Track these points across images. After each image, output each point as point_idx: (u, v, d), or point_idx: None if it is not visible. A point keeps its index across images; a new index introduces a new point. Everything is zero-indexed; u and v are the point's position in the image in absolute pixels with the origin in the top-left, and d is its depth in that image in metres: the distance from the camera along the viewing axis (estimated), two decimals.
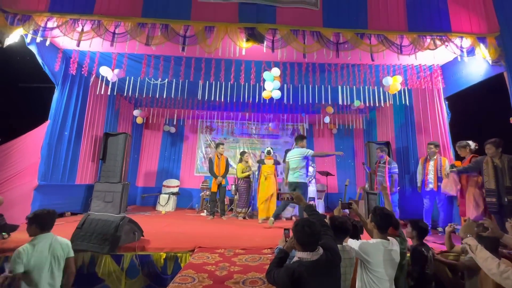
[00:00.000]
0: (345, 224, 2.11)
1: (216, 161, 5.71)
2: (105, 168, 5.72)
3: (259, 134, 8.64)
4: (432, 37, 4.04)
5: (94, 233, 2.87)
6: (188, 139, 8.54)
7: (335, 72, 4.97)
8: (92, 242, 2.82)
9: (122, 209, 5.57)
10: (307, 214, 2.23)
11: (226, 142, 8.43)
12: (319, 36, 3.94)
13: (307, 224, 1.79)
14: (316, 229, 1.78)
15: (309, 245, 1.77)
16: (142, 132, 8.28)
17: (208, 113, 7.86)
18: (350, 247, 2.11)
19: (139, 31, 3.77)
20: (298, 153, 4.74)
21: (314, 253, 1.75)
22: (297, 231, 1.79)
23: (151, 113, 7.60)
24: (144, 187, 7.95)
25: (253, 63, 4.82)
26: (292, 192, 2.40)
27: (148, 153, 8.24)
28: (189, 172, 8.24)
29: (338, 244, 2.02)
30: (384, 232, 2.18)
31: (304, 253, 1.76)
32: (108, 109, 6.27)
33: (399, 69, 4.98)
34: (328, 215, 2.76)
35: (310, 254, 1.75)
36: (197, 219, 5.50)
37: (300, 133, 8.50)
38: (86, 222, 2.97)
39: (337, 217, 2.17)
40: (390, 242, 2.16)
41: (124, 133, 6.00)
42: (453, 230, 2.84)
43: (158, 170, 8.17)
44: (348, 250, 2.07)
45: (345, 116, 7.64)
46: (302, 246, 1.78)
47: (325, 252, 1.76)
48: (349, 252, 2.06)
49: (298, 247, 1.80)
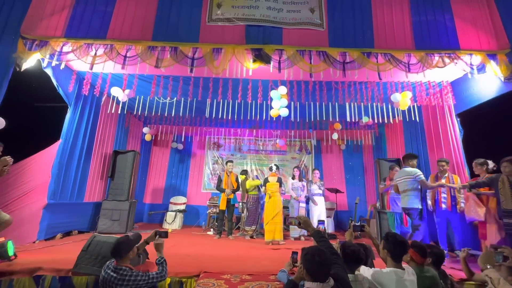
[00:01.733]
0: (357, 253, 2.00)
1: (226, 179, 5.69)
2: (113, 185, 5.76)
3: (266, 150, 8.62)
4: (440, 55, 4.02)
5: (99, 256, 2.84)
6: (196, 156, 8.58)
7: (342, 90, 4.97)
8: (97, 265, 2.78)
9: (129, 227, 5.55)
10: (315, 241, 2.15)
11: (233, 158, 8.42)
12: (325, 56, 3.98)
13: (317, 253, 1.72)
14: (327, 259, 1.70)
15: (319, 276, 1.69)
16: (151, 149, 8.37)
17: (216, 130, 7.93)
18: (363, 277, 2.00)
19: (149, 54, 3.89)
20: (405, 174, 4.20)
21: (324, 284, 1.67)
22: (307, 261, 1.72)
23: (160, 130, 7.72)
24: (151, 204, 7.95)
25: (260, 82, 4.88)
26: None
27: (156, 170, 8.29)
28: (196, 189, 8.21)
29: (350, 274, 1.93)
30: (398, 261, 2.08)
31: (314, 284, 1.68)
32: (118, 127, 6.40)
33: (408, 85, 4.94)
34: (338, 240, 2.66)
35: (321, 285, 1.67)
36: (204, 239, 5.42)
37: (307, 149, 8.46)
38: (91, 245, 2.95)
39: (349, 244, 2.07)
40: (405, 271, 2.04)
41: (133, 151, 6.07)
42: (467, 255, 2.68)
43: (165, 186, 8.17)
44: (360, 281, 1.97)
45: (354, 132, 7.58)
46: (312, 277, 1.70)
47: (336, 283, 1.68)
48: (362, 283, 1.96)
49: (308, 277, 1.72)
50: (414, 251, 2.20)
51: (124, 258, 2.17)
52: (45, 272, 2.89)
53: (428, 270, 2.21)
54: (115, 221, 5.41)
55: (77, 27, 4.06)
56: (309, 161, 8.40)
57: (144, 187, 7.95)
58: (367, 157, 8.19)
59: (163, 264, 2.33)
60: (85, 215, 5.40)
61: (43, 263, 3.00)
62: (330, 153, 8.53)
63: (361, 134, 7.63)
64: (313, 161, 8.45)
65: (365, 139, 7.71)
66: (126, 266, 2.14)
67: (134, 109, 5.76)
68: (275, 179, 5.19)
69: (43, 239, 4.29)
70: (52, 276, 2.88)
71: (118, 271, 2.08)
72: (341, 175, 8.24)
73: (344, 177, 8.19)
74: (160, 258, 2.38)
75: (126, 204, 5.57)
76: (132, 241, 2.27)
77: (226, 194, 5.53)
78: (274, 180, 5.17)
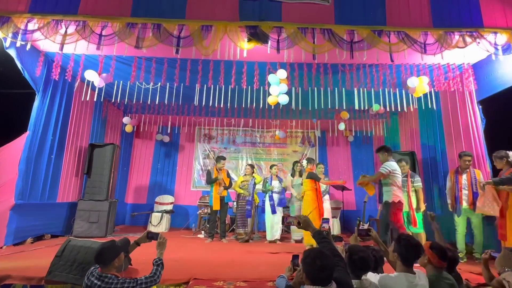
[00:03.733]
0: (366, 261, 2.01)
1: (216, 175, 5.73)
2: (90, 183, 5.77)
3: (264, 143, 8.64)
4: (461, 33, 4.02)
5: (75, 262, 2.87)
6: (184, 149, 8.58)
7: (349, 74, 4.97)
8: (73, 273, 2.82)
9: (109, 231, 5.59)
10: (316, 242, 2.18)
11: (227, 152, 8.45)
12: (330, 35, 3.97)
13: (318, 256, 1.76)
14: (329, 263, 1.74)
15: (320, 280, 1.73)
16: (132, 142, 8.35)
17: (206, 120, 7.90)
18: (370, 282, 2.05)
19: (129, 32, 3.85)
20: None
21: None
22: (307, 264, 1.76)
23: (142, 120, 7.68)
24: (134, 204, 7.98)
25: (256, 64, 4.86)
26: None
27: (138, 166, 8.29)
28: (185, 187, 8.25)
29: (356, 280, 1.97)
30: (409, 265, 2.13)
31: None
32: (94, 117, 6.36)
33: (424, 69, 4.95)
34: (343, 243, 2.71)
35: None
36: (194, 242, 5.47)
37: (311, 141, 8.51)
38: (66, 249, 2.98)
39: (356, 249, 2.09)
40: (416, 276, 2.09)
41: (111, 144, 6.06)
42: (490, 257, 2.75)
43: (150, 184, 8.19)
44: (367, 286, 2.02)
45: (363, 122, 7.60)
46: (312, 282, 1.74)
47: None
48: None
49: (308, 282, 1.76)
50: (433, 253, 2.23)
51: (109, 266, 2.19)
52: (15, 280, 2.92)
53: (448, 276, 2.24)
54: (93, 224, 5.43)
55: (44, 1, 3.98)
56: (313, 154, 8.44)
57: (125, 185, 7.96)
58: None
59: (159, 267, 2.35)
60: (58, 217, 5.41)
61: (12, 270, 3.02)
62: (336, 145, 8.57)
63: (371, 124, 7.66)
64: (317, 154, 8.49)
65: (375, 130, 7.74)
66: (112, 274, 2.17)
67: (112, 96, 5.69)
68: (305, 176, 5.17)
69: (12, 244, 4.31)
70: (23, 285, 2.91)
71: (103, 279, 2.11)
72: (349, 170, 8.29)
73: (352, 172, 8.24)
74: (158, 259, 2.42)
75: (105, 204, 5.59)
76: (119, 247, 2.29)
77: (219, 192, 5.57)
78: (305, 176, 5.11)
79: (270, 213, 5.66)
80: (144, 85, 5.44)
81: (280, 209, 5.79)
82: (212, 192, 5.65)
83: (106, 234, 5.44)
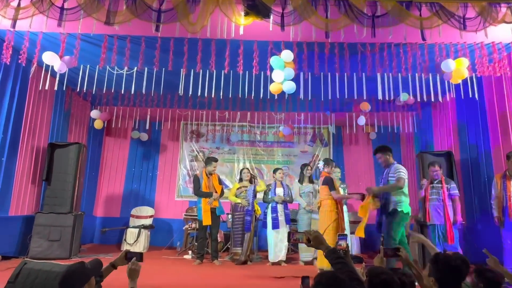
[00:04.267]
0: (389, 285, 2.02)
1: (206, 181, 5.74)
2: (51, 192, 5.77)
3: (265, 141, 8.65)
4: (509, 4, 4.02)
5: None
6: (167, 150, 8.59)
7: (371, 56, 4.98)
8: None
9: (74, 251, 5.60)
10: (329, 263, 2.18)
11: (219, 153, 8.46)
12: (347, 7, 3.97)
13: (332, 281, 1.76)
14: None
15: None
16: (103, 140, 8.37)
17: (194, 113, 7.90)
18: None
19: (97, 5, 3.85)
20: None
21: None
22: None
23: (115, 114, 7.68)
24: (105, 218, 8.00)
25: (256, 44, 4.85)
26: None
27: (110, 170, 8.31)
28: (167, 197, 8.27)
29: None
30: None
31: None
32: (55, 110, 6.36)
33: (463, 49, 4.96)
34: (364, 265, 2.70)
35: None
36: (179, 265, 5.47)
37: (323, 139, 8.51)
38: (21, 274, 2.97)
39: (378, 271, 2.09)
40: None
41: (76, 143, 6.06)
42: None
43: (124, 193, 8.20)
44: None
45: (388, 115, 7.61)
46: None
47: None
48: None
49: None
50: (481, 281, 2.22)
51: None
52: None
53: None
54: (54, 242, 5.43)
55: None
56: (326, 155, 8.46)
57: (94, 195, 7.97)
58: (406, 150, 8.26)
59: None
60: (11, 234, 5.40)
61: None
62: (355, 144, 8.57)
63: (398, 118, 7.67)
64: (331, 156, 8.50)
65: (403, 125, 7.74)
66: None
67: (77, 85, 5.69)
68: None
69: None
70: None
71: None
72: (370, 175, 8.31)
73: (374, 178, 8.25)
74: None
75: (69, 218, 5.59)
76: (89, 271, 2.29)
77: (209, 203, 5.58)
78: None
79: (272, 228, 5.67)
80: (117, 70, 5.42)
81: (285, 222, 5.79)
82: (201, 203, 5.65)
83: (70, 255, 5.43)
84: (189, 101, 7.03)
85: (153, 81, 5.48)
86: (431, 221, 5.00)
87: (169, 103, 7.16)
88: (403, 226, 4.29)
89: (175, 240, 7.53)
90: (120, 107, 7.55)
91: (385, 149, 4.52)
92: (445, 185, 4.96)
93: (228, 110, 7.78)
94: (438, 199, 4.98)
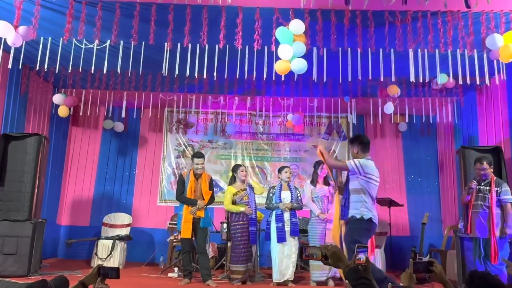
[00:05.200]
0: None
1: (192, 184, 5.73)
2: (4, 195, 5.78)
3: (269, 133, 8.65)
4: None
5: None
6: (147, 143, 8.60)
7: (402, 27, 4.94)
8: None
9: (34, 266, 5.62)
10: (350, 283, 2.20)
11: (213, 147, 8.48)
12: None
13: None
14: None
15: None
16: (68, 131, 8.38)
17: (181, 98, 7.88)
18: None
19: None
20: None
21: None
22: None
23: (83, 99, 7.66)
24: (71, 227, 8.03)
25: (258, 12, 4.82)
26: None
27: (78, 169, 8.32)
28: (148, 201, 8.30)
29: None
30: None
31: None
32: (9, 93, 6.34)
33: None
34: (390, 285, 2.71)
35: None
36: (162, 285, 5.50)
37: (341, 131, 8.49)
38: None
39: None
40: None
41: (36, 135, 6.06)
42: None
43: (94, 197, 8.24)
44: None
45: (422, 101, 7.58)
46: None
47: None
48: None
49: None
50: None
51: None
52: None
53: None
54: (9, 256, 5.45)
55: None
56: (344, 151, 8.45)
57: (57, 198, 7.99)
58: (444, 144, 8.25)
59: None
60: None
61: None
62: (380, 137, 8.56)
63: (435, 105, 7.62)
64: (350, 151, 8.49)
65: (441, 114, 7.73)
66: None
67: (36, 62, 5.67)
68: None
69: None
70: None
71: None
72: (399, 176, 8.32)
73: (405, 178, 8.26)
74: None
75: (27, 226, 5.61)
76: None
77: (192, 212, 5.56)
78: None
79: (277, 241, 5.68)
80: (86, 44, 5.39)
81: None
82: (182, 211, 5.64)
83: (29, 271, 5.45)
84: (175, 83, 7.01)
85: (131, 57, 5.47)
86: (472, 233, 4.95)
87: (150, 85, 7.14)
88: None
89: (158, 254, 7.55)
90: (89, 90, 7.50)
91: (355, 140, 4.59)
92: (494, 188, 4.88)
93: (224, 94, 7.77)
94: (483, 205, 4.89)
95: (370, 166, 4.30)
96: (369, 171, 4.27)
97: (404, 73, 5.57)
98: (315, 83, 6.31)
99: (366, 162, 4.31)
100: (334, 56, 5.42)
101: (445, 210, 7.98)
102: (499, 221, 4.75)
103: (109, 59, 5.41)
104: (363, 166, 4.25)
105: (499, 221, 4.75)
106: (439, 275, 2.69)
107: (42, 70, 6.26)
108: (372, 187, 4.29)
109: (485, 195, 4.92)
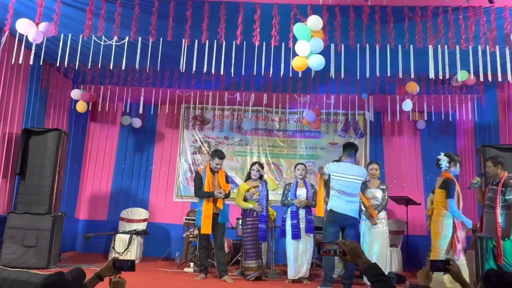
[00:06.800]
0: None
1: (209, 178, 5.77)
2: (25, 189, 5.88)
3: (285, 130, 8.64)
4: None
5: None
6: (164, 139, 8.66)
7: (422, 23, 4.89)
8: None
9: (53, 259, 5.73)
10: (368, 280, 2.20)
11: (229, 144, 8.50)
12: None
13: None
14: None
15: None
16: (87, 127, 8.48)
17: (198, 94, 7.92)
18: None
19: None
20: (358, 174, 5.14)
21: None
22: None
23: (102, 95, 7.75)
24: (89, 221, 8.15)
25: (276, 7, 4.83)
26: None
27: (96, 164, 8.42)
28: (165, 197, 8.37)
29: None
30: None
31: None
32: (30, 89, 6.45)
33: None
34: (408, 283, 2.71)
35: None
36: (178, 279, 5.53)
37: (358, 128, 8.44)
38: None
39: None
40: None
41: (56, 130, 6.15)
42: None
43: (112, 192, 8.33)
44: None
45: (441, 98, 7.50)
46: None
47: None
48: None
49: None
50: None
51: None
52: None
53: None
54: (29, 248, 5.56)
55: None
56: (361, 149, 8.38)
57: (76, 193, 8.11)
58: (464, 143, 8.14)
59: None
60: None
61: None
62: (398, 135, 8.48)
63: (455, 103, 7.54)
64: (367, 149, 8.46)
65: (461, 112, 7.66)
66: None
67: (56, 58, 5.77)
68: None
69: None
70: None
71: None
72: (417, 174, 8.24)
73: (423, 177, 8.19)
74: None
75: (47, 220, 5.71)
76: (70, 282, 2.36)
77: (218, 194, 5.56)
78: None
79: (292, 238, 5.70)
80: (105, 41, 5.45)
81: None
82: (202, 206, 5.69)
83: (49, 264, 5.56)
84: (192, 80, 7.04)
85: (149, 54, 5.51)
86: (483, 232, 4.95)
87: (168, 81, 7.18)
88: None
89: (174, 249, 7.62)
90: (108, 86, 7.60)
91: (346, 147, 5.50)
92: (500, 189, 4.74)
93: (240, 91, 7.78)
94: (490, 205, 4.83)
95: (333, 166, 5.26)
96: (332, 170, 5.17)
97: (423, 69, 5.51)
98: (332, 79, 6.28)
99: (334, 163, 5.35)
100: (352, 52, 5.39)
101: (465, 210, 7.81)
102: (501, 221, 4.66)
103: (127, 55, 5.47)
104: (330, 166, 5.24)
105: (501, 221, 4.67)
106: (456, 275, 2.67)
107: (62, 66, 6.35)
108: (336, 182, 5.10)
109: (493, 195, 4.87)
